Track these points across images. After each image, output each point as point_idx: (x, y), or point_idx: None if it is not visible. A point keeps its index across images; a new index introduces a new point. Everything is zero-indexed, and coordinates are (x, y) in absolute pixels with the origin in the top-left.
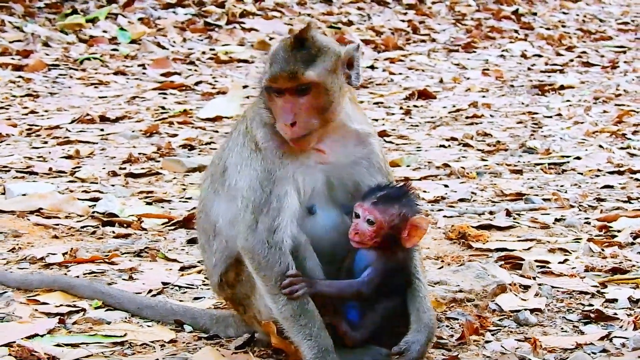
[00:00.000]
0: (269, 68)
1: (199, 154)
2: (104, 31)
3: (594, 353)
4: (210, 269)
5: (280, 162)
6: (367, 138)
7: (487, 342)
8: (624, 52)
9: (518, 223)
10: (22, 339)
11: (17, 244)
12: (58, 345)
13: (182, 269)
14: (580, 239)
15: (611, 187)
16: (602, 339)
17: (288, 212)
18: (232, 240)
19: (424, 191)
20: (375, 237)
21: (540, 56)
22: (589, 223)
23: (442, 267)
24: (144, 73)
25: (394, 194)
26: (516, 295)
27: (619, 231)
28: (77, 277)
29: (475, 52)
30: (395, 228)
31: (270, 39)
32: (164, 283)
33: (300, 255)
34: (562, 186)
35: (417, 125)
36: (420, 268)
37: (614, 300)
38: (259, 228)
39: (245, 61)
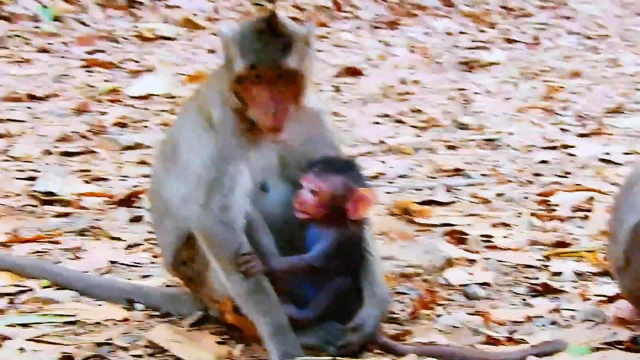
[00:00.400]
0: (246, 55)
1: (132, 132)
2: (25, 8)
3: (544, 325)
4: (164, 248)
5: (235, 140)
6: (321, 115)
7: (438, 315)
8: (545, 29)
9: (458, 198)
10: None
11: None
12: (10, 325)
13: (127, 247)
14: (522, 213)
15: (546, 162)
16: (550, 311)
17: (241, 191)
18: (185, 218)
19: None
20: (319, 207)
21: (464, 33)
22: (528, 198)
23: (389, 242)
24: (67, 51)
25: (337, 165)
26: (463, 269)
27: (558, 205)
28: (22, 256)
29: (399, 29)
30: (339, 198)
31: (194, 15)
32: (110, 262)
33: (254, 232)
34: (497, 161)
35: (348, 102)
36: (372, 243)
37: (559, 274)
38: (212, 207)
39: (170, 39)
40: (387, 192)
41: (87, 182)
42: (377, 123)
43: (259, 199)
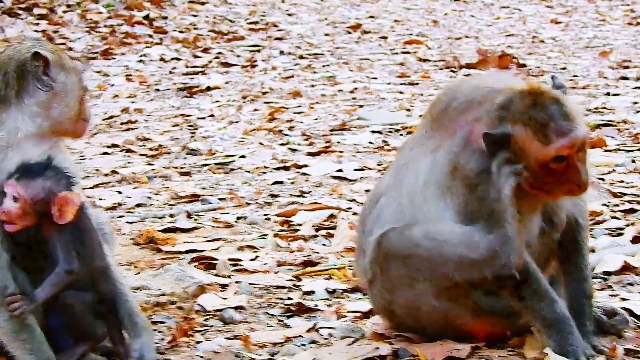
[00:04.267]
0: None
1: None
2: None
3: (304, 345)
4: None
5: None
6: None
7: (198, 342)
8: (259, 51)
9: (201, 224)
10: None
11: None
12: None
13: None
14: (266, 235)
15: (281, 182)
16: (309, 330)
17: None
18: None
19: (100, 199)
20: (23, 214)
21: (178, 59)
22: (270, 219)
23: (139, 272)
24: None
25: (36, 168)
26: (216, 294)
27: (300, 225)
28: None
29: (114, 58)
30: (42, 203)
31: None
32: None
33: None
34: (233, 185)
35: None
36: (118, 273)
37: (312, 292)
38: None
39: None
40: (128, 222)
41: None
42: (107, 153)
43: None
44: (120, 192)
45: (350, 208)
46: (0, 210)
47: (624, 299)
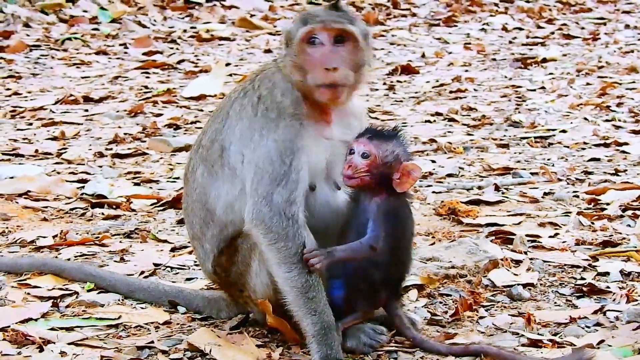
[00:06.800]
0: (308, 21)
1: (185, 134)
2: (84, 11)
3: (588, 327)
4: (203, 257)
5: (303, 130)
6: (362, 113)
7: (481, 317)
8: (604, 24)
9: (507, 197)
10: (16, 323)
11: (7, 227)
12: (52, 329)
13: (173, 249)
14: (570, 212)
15: (598, 159)
16: (595, 312)
17: (303, 187)
18: (228, 224)
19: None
20: (368, 172)
21: (521, 29)
22: (578, 196)
23: (433, 243)
24: (125, 52)
25: (388, 133)
26: (508, 270)
27: (608, 204)
28: (68, 259)
29: (456, 26)
30: (388, 167)
31: (251, 16)
32: (155, 264)
33: None
34: (549, 160)
35: (401, 101)
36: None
37: (606, 274)
38: (275, 200)
39: (227, 39)
40: (435, 192)
41: (137, 184)
42: (429, 121)
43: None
44: (433, 162)
45: None
46: (347, 164)
47: None
